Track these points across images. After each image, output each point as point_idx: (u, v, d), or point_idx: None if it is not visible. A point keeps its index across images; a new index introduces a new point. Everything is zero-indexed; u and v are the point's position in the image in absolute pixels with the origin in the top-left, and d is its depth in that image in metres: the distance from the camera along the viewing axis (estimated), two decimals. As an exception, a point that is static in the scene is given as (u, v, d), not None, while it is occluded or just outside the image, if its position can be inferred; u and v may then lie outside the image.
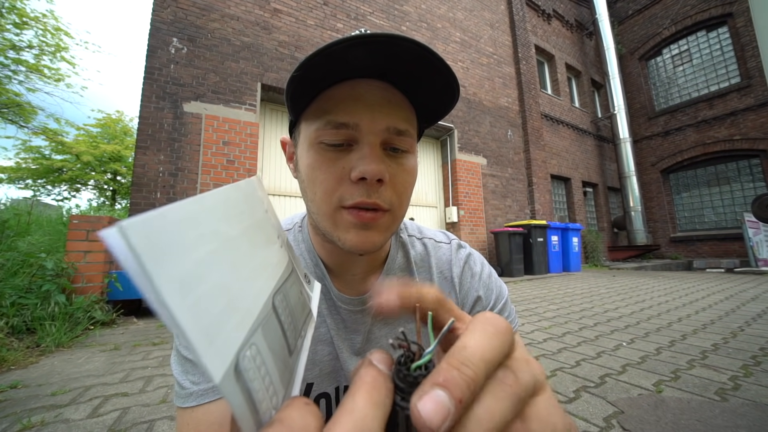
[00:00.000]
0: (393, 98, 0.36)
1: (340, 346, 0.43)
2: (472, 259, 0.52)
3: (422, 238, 0.53)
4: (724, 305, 2.99)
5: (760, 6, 7.39)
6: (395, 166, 0.36)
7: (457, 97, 0.37)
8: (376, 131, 0.34)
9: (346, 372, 0.43)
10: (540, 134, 7.74)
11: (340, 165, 0.35)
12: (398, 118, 0.35)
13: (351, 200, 0.34)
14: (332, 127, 0.34)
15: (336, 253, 0.42)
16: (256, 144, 4.19)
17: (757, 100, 8.32)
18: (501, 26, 7.78)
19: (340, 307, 0.44)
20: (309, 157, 0.36)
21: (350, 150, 0.35)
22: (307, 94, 0.36)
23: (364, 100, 0.34)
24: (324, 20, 5.07)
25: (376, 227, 0.36)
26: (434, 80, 0.34)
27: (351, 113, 0.34)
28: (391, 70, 0.34)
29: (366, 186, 0.34)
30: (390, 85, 0.36)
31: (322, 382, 0.42)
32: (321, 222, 0.37)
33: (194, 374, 0.36)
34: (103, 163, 13.12)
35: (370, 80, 0.35)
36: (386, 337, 0.45)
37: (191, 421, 0.35)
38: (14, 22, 8.30)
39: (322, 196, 0.36)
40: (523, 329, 2.28)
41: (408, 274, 0.49)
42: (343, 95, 0.34)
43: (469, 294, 0.50)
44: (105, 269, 2.59)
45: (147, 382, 1.47)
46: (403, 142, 0.36)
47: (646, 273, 6.48)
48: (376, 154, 0.34)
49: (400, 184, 0.37)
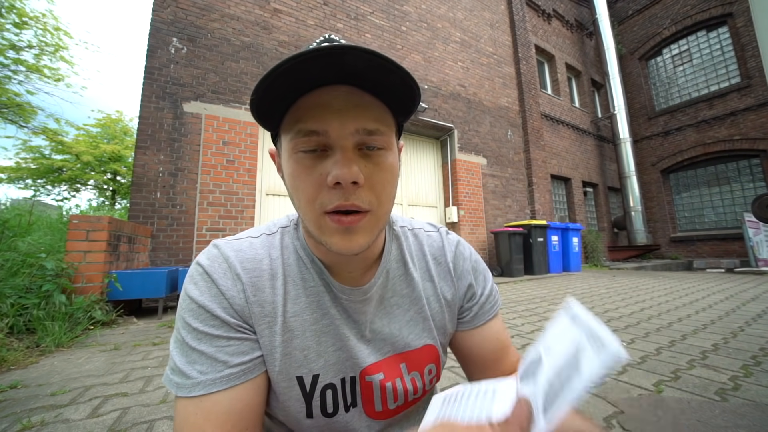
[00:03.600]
0: (360, 101, 0.36)
1: (347, 335, 0.44)
2: (461, 245, 0.56)
3: (413, 229, 0.55)
4: (724, 305, 2.99)
5: (760, 6, 7.38)
6: (371, 166, 0.37)
7: (418, 91, 0.37)
8: (346, 135, 0.35)
9: (354, 360, 0.44)
10: (540, 134, 7.74)
11: (317, 171, 0.36)
12: (367, 118, 0.36)
13: (331, 204, 0.36)
14: (303, 135, 0.36)
15: (330, 253, 0.43)
16: (256, 144, 4.19)
17: (757, 100, 8.32)
18: (501, 26, 7.78)
19: (342, 298, 0.45)
20: (290, 167, 0.38)
21: (325, 156, 0.36)
22: (276, 109, 0.37)
23: (331, 106, 0.35)
24: (324, 20, 5.07)
25: (359, 230, 0.37)
26: (391, 80, 0.35)
27: (319, 120, 0.35)
28: (349, 78, 0.35)
29: (342, 190, 0.35)
30: (356, 88, 0.36)
31: (328, 373, 0.43)
32: (309, 227, 0.39)
33: (202, 364, 0.36)
34: (102, 163, 13.12)
35: (335, 86, 0.36)
36: (387, 326, 0.47)
37: (199, 411, 0.35)
38: (14, 22, 8.30)
39: (306, 203, 0.37)
40: (523, 329, 2.28)
41: (403, 265, 0.50)
42: (310, 104, 0.35)
43: (463, 276, 0.53)
44: (105, 269, 2.59)
45: (147, 382, 1.47)
46: (376, 140, 0.37)
47: (646, 273, 6.48)
48: (348, 158, 0.35)
49: (378, 183, 0.38)
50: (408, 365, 0.47)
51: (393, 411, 0.47)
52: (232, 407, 0.36)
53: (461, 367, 0.56)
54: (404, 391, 0.46)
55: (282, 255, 0.45)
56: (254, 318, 0.40)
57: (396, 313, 0.48)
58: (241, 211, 3.98)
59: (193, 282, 0.40)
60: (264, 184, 4.46)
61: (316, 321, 0.43)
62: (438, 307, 0.50)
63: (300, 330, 0.42)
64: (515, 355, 0.54)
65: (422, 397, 0.49)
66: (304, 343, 0.42)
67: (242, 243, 0.44)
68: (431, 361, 0.49)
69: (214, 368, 0.36)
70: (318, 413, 0.42)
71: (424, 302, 0.49)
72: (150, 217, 3.52)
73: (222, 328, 0.38)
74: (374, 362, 0.45)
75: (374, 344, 0.46)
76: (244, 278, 0.41)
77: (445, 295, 0.51)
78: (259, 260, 0.43)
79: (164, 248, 3.55)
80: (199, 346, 0.37)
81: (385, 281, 0.48)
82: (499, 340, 0.52)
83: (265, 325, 0.41)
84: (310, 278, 0.44)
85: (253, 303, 0.40)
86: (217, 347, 0.37)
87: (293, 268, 0.44)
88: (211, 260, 0.41)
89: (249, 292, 0.40)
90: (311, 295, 0.44)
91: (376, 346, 0.46)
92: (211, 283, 0.39)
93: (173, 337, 0.39)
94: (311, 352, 0.42)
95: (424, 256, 0.52)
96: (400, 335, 0.47)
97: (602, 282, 4.91)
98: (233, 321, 0.39)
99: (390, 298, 0.48)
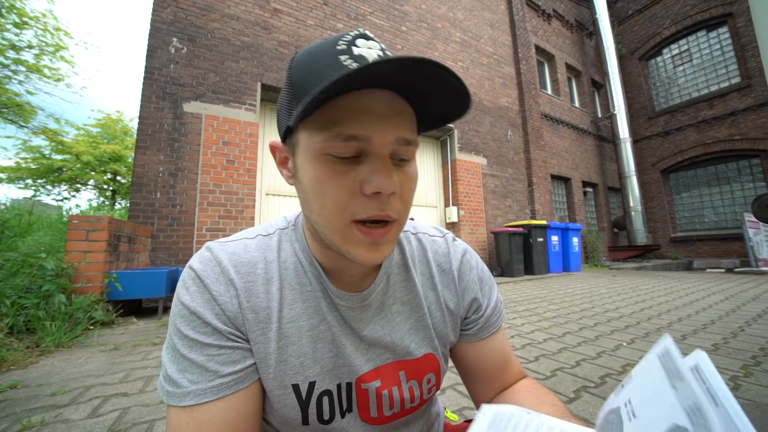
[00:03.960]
0: (401, 108, 0.35)
1: (343, 342, 0.43)
2: (468, 253, 0.53)
3: (416, 233, 0.53)
4: (725, 305, 2.99)
5: (760, 6, 7.37)
6: (402, 175, 0.36)
7: (462, 115, 0.36)
8: (386, 143, 0.34)
9: (350, 367, 0.43)
10: (540, 134, 7.74)
11: (350, 178, 0.34)
12: (406, 128, 0.35)
13: (364, 213, 0.34)
14: (342, 140, 0.33)
15: (335, 258, 0.42)
16: (256, 144, 4.19)
17: (758, 100, 8.32)
18: (501, 26, 7.77)
19: (339, 304, 0.43)
20: (315, 169, 0.35)
21: (358, 162, 0.34)
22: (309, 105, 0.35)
23: (374, 111, 0.33)
24: (324, 20, 5.07)
25: (386, 241, 0.37)
26: (450, 97, 0.34)
27: (362, 125, 0.33)
28: (404, 85, 0.33)
29: (378, 200, 0.34)
30: (395, 94, 0.35)
31: (324, 379, 0.42)
32: (328, 235, 0.37)
33: (193, 373, 0.35)
34: (102, 163, 13.11)
35: (376, 90, 0.33)
36: (388, 334, 0.45)
37: (190, 420, 0.34)
38: (14, 22, 8.30)
39: (333, 210, 0.35)
40: (523, 329, 2.28)
41: (405, 270, 0.49)
42: (351, 106, 0.33)
43: (469, 287, 0.51)
44: (105, 269, 2.59)
45: (147, 382, 1.47)
46: (408, 151, 0.36)
47: (646, 273, 6.48)
48: (388, 167, 0.34)
49: (406, 192, 0.37)
50: (407, 373, 0.46)
51: (389, 417, 0.46)
52: (224, 417, 0.35)
53: (460, 376, 0.55)
54: (401, 399, 0.45)
55: (278, 258, 0.43)
56: (247, 325, 0.39)
57: (397, 321, 0.46)
58: (241, 211, 3.98)
59: (185, 287, 0.38)
60: (264, 184, 4.46)
61: (313, 327, 0.42)
62: (440, 316, 0.49)
63: (296, 336, 0.41)
64: (516, 366, 0.53)
65: (420, 405, 0.48)
66: (301, 349, 0.41)
67: (236, 245, 0.42)
68: (431, 371, 0.48)
69: (205, 377, 0.35)
70: (314, 420, 0.41)
71: (425, 310, 0.48)
72: (150, 217, 3.52)
73: (213, 336, 0.37)
74: (371, 369, 0.44)
75: (372, 351, 0.45)
76: (237, 283, 0.39)
77: (447, 304, 0.49)
78: (253, 264, 0.41)
79: (164, 248, 3.55)
80: (189, 354, 0.36)
81: (386, 287, 0.46)
82: (503, 354, 0.52)
83: (258, 332, 0.39)
84: (308, 282, 0.43)
85: (247, 309, 0.39)
86: (208, 356, 0.36)
87: (290, 271, 0.43)
88: (204, 264, 0.39)
89: (243, 297, 0.39)
90: (308, 300, 0.43)
91: (374, 353, 0.45)
92: (203, 289, 0.38)
93: (165, 343, 0.38)
94: (307, 359, 0.41)
95: (427, 262, 0.50)
96: (402, 343, 0.46)
97: (602, 282, 4.90)
98: (225, 329, 0.37)
99: (391, 306, 0.47)
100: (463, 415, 1.16)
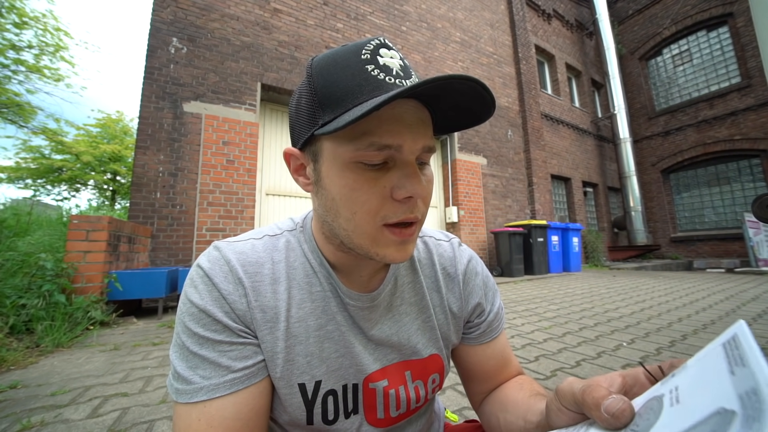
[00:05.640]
0: (424, 116, 0.37)
1: (352, 341, 0.44)
2: (474, 259, 0.55)
3: (423, 236, 0.54)
4: (725, 305, 2.99)
5: (760, 6, 7.36)
6: (425, 179, 0.38)
7: (478, 123, 0.39)
8: (415, 150, 0.36)
9: (359, 366, 0.44)
10: (540, 134, 7.74)
11: (381, 184, 0.36)
12: (429, 136, 0.38)
13: (395, 217, 0.36)
14: (376, 149, 0.34)
15: (346, 257, 0.43)
16: (256, 144, 4.19)
17: (758, 100, 8.32)
18: (501, 26, 7.77)
19: (349, 303, 0.44)
20: (345, 177, 0.36)
21: (387, 168, 0.36)
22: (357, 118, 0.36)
23: (404, 121, 0.35)
24: (324, 20, 5.07)
25: (412, 240, 0.39)
26: (479, 108, 0.37)
27: (395, 135, 0.34)
28: (433, 96, 0.36)
29: (409, 204, 0.37)
30: (420, 103, 0.37)
31: (329, 379, 0.42)
32: (355, 239, 0.38)
33: (205, 369, 0.35)
34: (102, 163, 13.12)
35: (404, 99, 0.35)
36: (396, 334, 0.46)
37: (202, 416, 0.35)
38: (14, 22, 8.30)
39: (364, 216, 0.36)
40: (523, 329, 2.28)
41: (412, 272, 0.50)
42: (384, 116, 0.34)
43: (473, 293, 0.52)
44: (105, 269, 2.59)
45: (147, 382, 1.47)
46: (429, 157, 0.39)
47: (646, 273, 6.48)
48: (417, 174, 0.36)
49: (428, 195, 0.39)
50: (413, 373, 0.47)
51: (395, 419, 0.46)
52: (236, 412, 0.35)
53: (459, 376, 0.56)
54: (407, 399, 0.46)
55: (286, 258, 0.44)
56: (256, 323, 0.39)
57: (405, 321, 0.47)
58: (241, 211, 3.98)
59: (194, 285, 0.39)
60: (264, 184, 4.46)
61: (321, 327, 0.43)
62: (444, 318, 0.50)
63: (304, 336, 0.42)
64: (515, 367, 0.54)
65: (423, 405, 0.49)
66: (308, 349, 0.41)
67: (244, 245, 0.43)
68: (436, 371, 0.49)
69: (218, 373, 0.35)
70: (318, 420, 0.42)
71: (431, 311, 0.49)
72: (150, 217, 3.51)
73: (224, 333, 0.37)
74: (379, 369, 0.45)
75: (380, 351, 0.46)
76: (246, 282, 0.40)
77: (451, 307, 0.51)
78: (260, 264, 0.42)
79: (164, 248, 3.55)
80: (200, 351, 0.36)
81: (394, 288, 0.48)
82: (503, 357, 0.53)
83: (266, 331, 0.40)
84: (317, 283, 0.44)
85: (255, 308, 0.39)
86: (220, 352, 0.36)
87: (298, 271, 0.43)
88: (212, 263, 0.40)
89: (251, 296, 0.39)
90: (317, 300, 0.43)
91: (382, 353, 0.46)
92: (212, 287, 0.38)
93: (173, 342, 0.38)
94: (314, 358, 0.42)
95: (432, 265, 0.51)
96: (409, 343, 0.47)
97: (602, 282, 4.90)
98: (235, 326, 0.38)
99: (399, 306, 0.48)
100: (463, 415, 1.15)
